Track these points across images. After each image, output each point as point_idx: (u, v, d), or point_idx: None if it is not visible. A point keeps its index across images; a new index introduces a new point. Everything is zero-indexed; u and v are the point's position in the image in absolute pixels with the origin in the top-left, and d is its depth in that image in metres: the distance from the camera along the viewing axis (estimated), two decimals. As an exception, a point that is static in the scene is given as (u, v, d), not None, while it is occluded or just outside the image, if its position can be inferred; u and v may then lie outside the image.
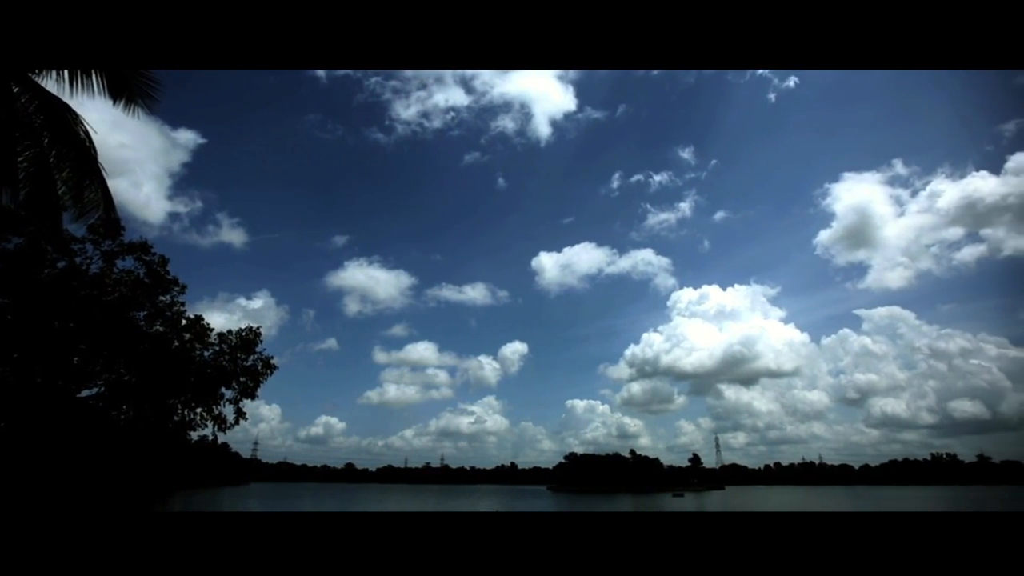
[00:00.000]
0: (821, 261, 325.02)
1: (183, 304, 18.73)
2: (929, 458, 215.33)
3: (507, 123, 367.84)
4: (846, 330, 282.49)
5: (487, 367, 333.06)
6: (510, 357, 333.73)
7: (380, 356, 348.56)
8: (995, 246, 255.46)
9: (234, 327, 19.67)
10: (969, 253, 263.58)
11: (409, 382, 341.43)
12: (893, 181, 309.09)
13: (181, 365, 17.68)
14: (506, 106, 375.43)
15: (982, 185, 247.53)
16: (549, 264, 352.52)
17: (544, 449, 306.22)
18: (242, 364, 19.10)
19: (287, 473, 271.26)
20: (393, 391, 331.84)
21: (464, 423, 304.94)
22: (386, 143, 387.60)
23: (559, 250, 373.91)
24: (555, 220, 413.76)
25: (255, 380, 19.16)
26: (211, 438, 19.77)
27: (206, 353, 18.85)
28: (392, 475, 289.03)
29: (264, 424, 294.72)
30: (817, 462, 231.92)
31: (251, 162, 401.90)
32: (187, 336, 18.58)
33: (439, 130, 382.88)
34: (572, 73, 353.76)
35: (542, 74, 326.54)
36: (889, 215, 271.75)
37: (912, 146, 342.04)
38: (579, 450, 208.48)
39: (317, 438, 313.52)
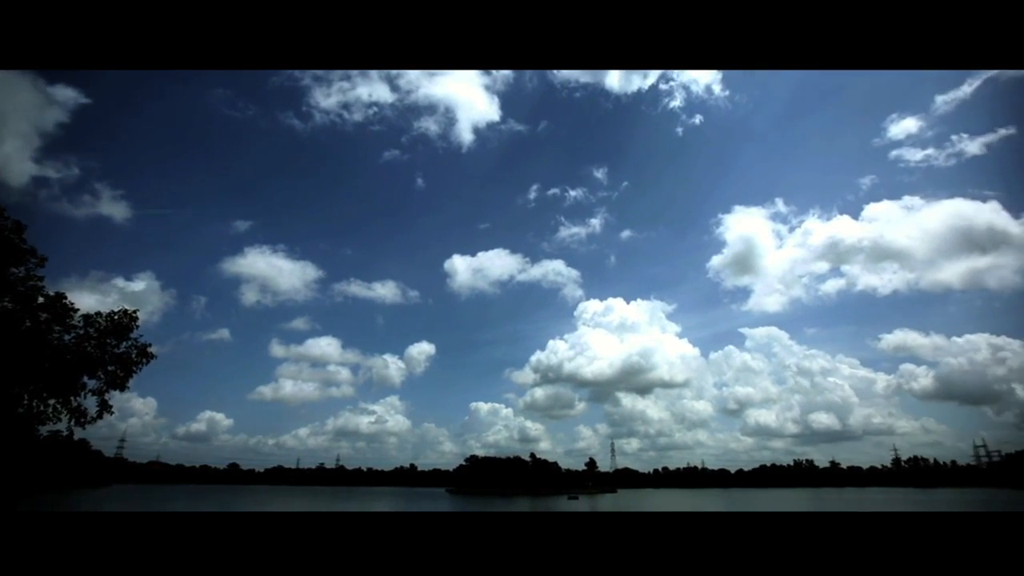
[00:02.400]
0: (712, 283, 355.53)
1: (41, 279, 16.24)
2: (792, 464, 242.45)
3: (430, 125, 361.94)
4: (731, 347, 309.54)
5: (392, 366, 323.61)
6: (416, 357, 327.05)
7: (277, 350, 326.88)
8: (851, 281, 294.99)
9: (108, 310, 17.32)
10: (831, 285, 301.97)
11: (308, 378, 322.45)
12: (775, 217, 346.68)
13: (32, 348, 15.28)
14: (431, 108, 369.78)
15: (844, 228, 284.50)
16: (462, 267, 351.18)
17: (445, 451, 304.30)
18: (112, 351, 16.92)
19: (159, 474, 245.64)
20: (289, 387, 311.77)
21: (364, 423, 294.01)
22: (302, 130, 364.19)
23: (473, 254, 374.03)
24: (471, 225, 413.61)
25: (126, 369, 17.04)
26: (66, 433, 17.26)
27: (67, 336, 16.47)
28: (282, 476, 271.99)
29: (135, 419, 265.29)
30: (700, 467, 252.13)
31: (143, 131, 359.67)
32: (43, 316, 16.11)
33: (360, 124, 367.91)
34: (499, 84, 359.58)
35: (469, 82, 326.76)
36: (770, 246, 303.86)
37: (792, 188, 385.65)
38: (481, 452, 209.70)
39: (199, 435, 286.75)
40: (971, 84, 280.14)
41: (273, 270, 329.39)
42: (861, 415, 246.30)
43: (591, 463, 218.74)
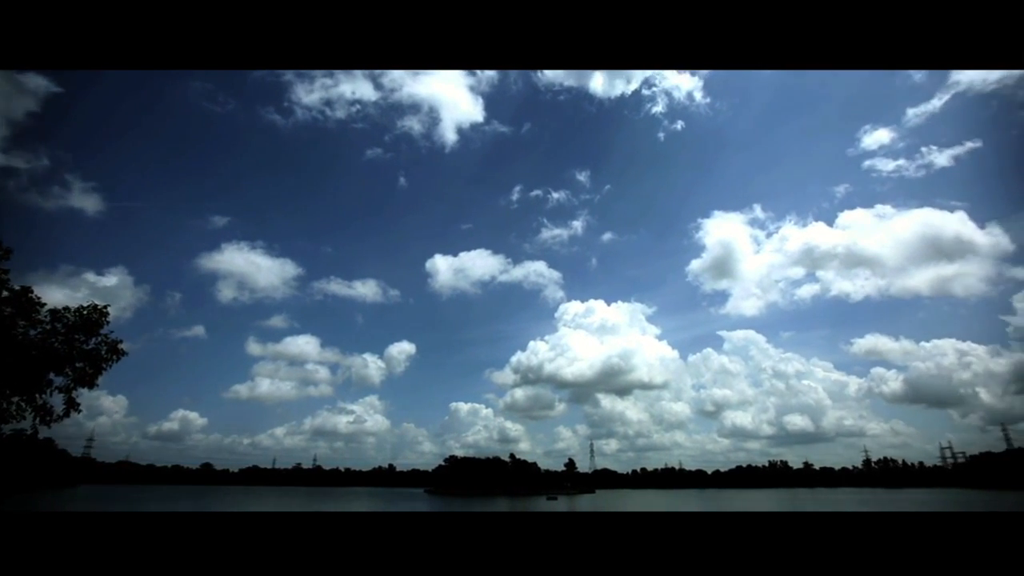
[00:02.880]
0: (692, 287, 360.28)
1: (6, 272, 15.66)
2: (767, 465, 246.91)
3: (414, 124, 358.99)
4: (709, 349, 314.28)
5: (372, 366, 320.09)
6: (397, 357, 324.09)
7: (254, 348, 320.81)
8: (825, 286, 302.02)
9: (77, 305, 16.76)
10: (807, 290, 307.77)
11: (285, 377, 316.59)
12: (753, 222, 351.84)
13: (-5, 344, 14.74)
14: (414, 107, 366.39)
15: (819, 234, 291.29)
16: (444, 267, 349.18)
17: (425, 451, 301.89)
18: (80, 347, 16.38)
19: (129, 474, 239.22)
20: (266, 386, 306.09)
21: (342, 422, 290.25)
22: (283, 126, 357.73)
23: (455, 254, 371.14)
24: (454, 225, 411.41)
25: (96, 366, 16.51)
26: (30, 432, 16.65)
27: (32, 332, 15.91)
28: (257, 476, 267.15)
29: (104, 418, 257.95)
30: (677, 467, 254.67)
31: (117, 122, 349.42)
32: (7, 310, 15.53)
33: (342, 121, 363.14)
34: (483, 85, 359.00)
35: (454, 82, 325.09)
36: (748, 251, 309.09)
37: (769, 194, 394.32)
38: (460, 453, 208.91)
39: (171, 435, 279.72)
40: (940, 98, 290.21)
41: (251, 267, 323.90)
42: (834, 417, 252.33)
43: (570, 464, 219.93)
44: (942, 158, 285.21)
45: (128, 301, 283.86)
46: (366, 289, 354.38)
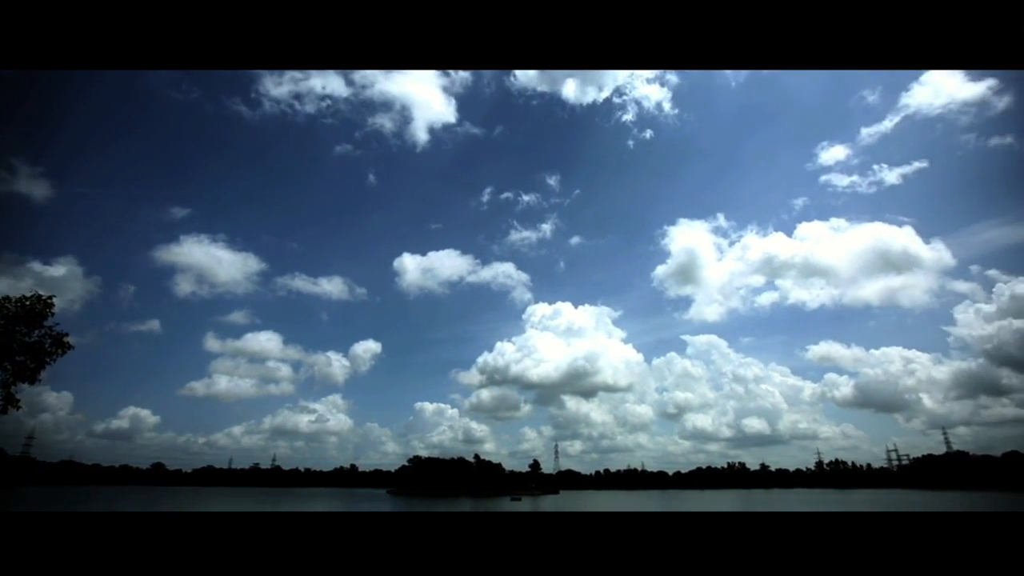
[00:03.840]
0: (657, 292, 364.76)
1: (-61, 258, 14.70)
2: (726, 466, 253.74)
3: (385, 122, 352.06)
4: (673, 353, 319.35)
5: (336, 364, 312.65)
6: (362, 355, 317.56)
7: (213, 344, 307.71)
8: (784, 295, 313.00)
9: (19, 295, 15.83)
10: (766, 298, 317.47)
11: (245, 374, 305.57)
12: (717, 231, 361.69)
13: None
14: (386, 105, 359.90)
15: (778, 245, 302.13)
16: (412, 266, 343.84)
17: (388, 451, 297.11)
18: (21, 339, 15.53)
19: (73, 475, 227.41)
20: (224, 383, 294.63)
21: (303, 421, 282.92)
22: (250, 118, 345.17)
23: (424, 253, 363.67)
24: (423, 224, 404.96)
25: (38, 360, 15.69)
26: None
27: (-33, 322, 14.99)
28: (212, 477, 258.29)
29: (47, 415, 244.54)
30: (640, 469, 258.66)
31: (69, 105, 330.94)
32: (-60, 299, 14.61)
33: (311, 115, 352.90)
34: (457, 86, 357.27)
35: (427, 81, 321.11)
36: (712, 259, 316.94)
37: (733, 204, 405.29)
38: (424, 453, 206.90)
39: (120, 433, 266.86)
40: (891, 120, 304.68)
41: (212, 260, 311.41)
42: (789, 420, 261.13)
43: (535, 465, 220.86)
44: (892, 176, 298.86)
45: (77, 293, 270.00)
46: (332, 286, 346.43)
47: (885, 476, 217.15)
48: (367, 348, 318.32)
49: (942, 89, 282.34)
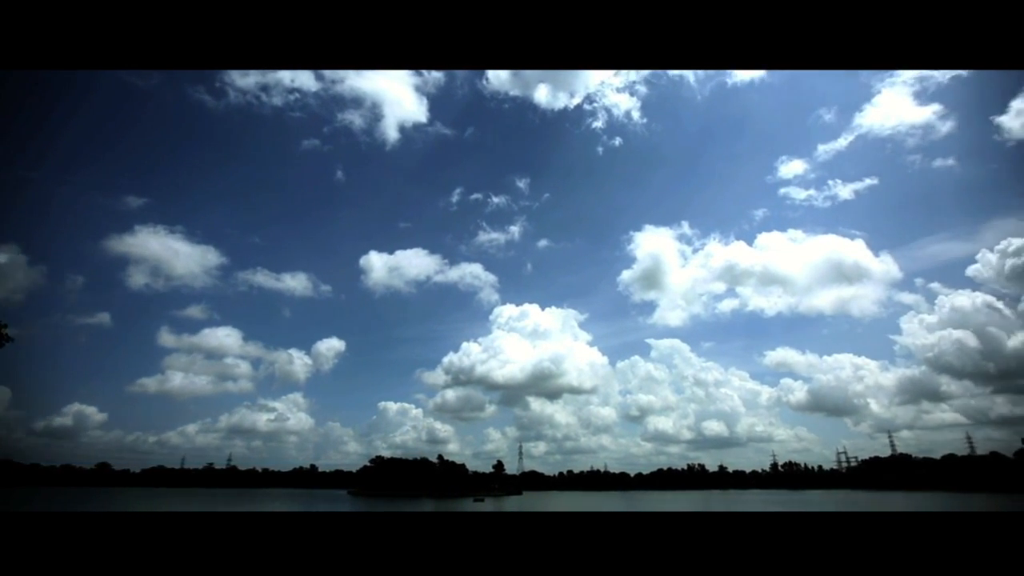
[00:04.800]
0: (622, 296, 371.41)
1: None
2: (686, 468, 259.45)
3: (355, 118, 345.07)
4: (637, 356, 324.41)
5: (297, 362, 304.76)
6: (325, 353, 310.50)
7: (167, 339, 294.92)
8: (744, 302, 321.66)
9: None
10: (727, 304, 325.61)
11: (201, 371, 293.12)
12: (681, 238, 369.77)
13: None
14: (356, 101, 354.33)
15: (739, 253, 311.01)
16: (379, 264, 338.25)
17: (350, 451, 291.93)
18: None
19: (8, 475, 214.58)
20: (178, 380, 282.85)
21: (262, 420, 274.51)
22: (213, 107, 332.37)
23: (391, 252, 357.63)
24: (391, 223, 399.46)
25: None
26: None
27: None
28: (162, 477, 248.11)
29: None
30: (602, 470, 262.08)
31: (18, 88, 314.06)
32: None
33: (278, 108, 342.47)
34: (429, 86, 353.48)
35: (399, 80, 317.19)
36: (675, 265, 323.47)
37: (696, 212, 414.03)
38: (387, 453, 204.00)
39: (63, 431, 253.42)
40: (846, 138, 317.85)
41: (168, 252, 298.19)
42: (747, 423, 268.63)
43: (499, 465, 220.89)
44: (845, 191, 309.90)
45: (20, 283, 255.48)
46: (295, 282, 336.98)
47: (835, 477, 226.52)
48: (330, 346, 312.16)
49: (892, 112, 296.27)
